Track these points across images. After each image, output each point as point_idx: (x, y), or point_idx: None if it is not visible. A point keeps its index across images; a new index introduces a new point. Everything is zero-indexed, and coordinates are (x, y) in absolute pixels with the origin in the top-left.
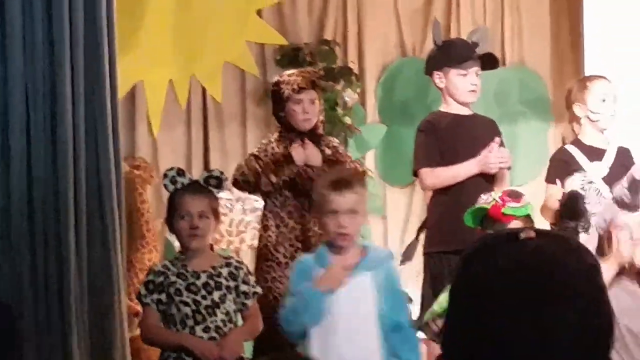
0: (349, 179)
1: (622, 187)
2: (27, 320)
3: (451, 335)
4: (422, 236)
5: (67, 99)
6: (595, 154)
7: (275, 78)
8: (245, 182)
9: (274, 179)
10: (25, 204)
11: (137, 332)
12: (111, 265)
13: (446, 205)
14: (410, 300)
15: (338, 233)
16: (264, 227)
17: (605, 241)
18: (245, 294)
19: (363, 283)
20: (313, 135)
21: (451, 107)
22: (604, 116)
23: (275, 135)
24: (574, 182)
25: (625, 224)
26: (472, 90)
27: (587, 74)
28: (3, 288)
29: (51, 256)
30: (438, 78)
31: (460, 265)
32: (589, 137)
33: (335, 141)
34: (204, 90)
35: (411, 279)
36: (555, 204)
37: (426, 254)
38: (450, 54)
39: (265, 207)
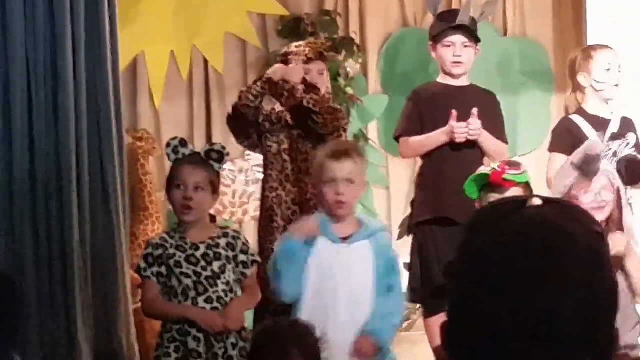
0: (348, 148)
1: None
2: (30, 292)
3: (454, 306)
4: None
5: (69, 71)
6: (599, 123)
7: (283, 49)
8: (246, 106)
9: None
10: (27, 177)
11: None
12: (114, 236)
13: (429, 175)
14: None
15: (336, 201)
16: (263, 190)
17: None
18: (244, 263)
19: (361, 251)
20: (318, 128)
21: (444, 78)
22: (609, 86)
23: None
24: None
25: (582, 194)
26: (455, 62)
27: (589, 44)
28: (6, 260)
29: (54, 229)
30: (431, 49)
31: (464, 235)
32: (592, 106)
33: (343, 120)
34: (205, 61)
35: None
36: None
37: (414, 225)
38: (435, 27)
39: (264, 171)
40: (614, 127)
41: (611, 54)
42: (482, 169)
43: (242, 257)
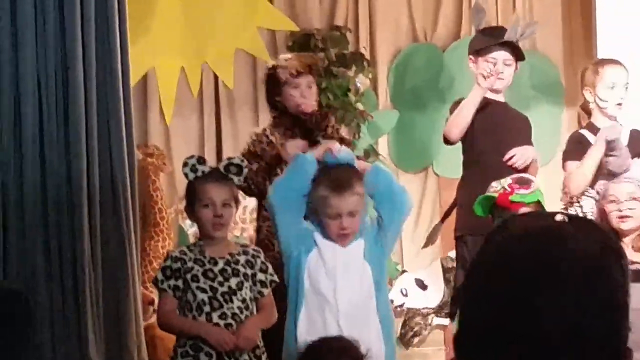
0: (349, 179)
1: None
2: (41, 308)
3: (461, 313)
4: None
5: (80, 87)
6: None
7: (270, 63)
8: (249, 192)
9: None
10: (38, 192)
11: (152, 319)
12: (125, 252)
13: (477, 188)
14: (425, 286)
15: (341, 234)
16: (263, 217)
17: (600, 215)
18: (262, 282)
19: (358, 247)
20: (309, 122)
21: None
22: (611, 104)
23: (269, 121)
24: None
25: (613, 197)
26: (497, 78)
27: (599, 56)
28: (17, 276)
29: (65, 244)
30: (471, 62)
31: (483, 242)
32: (601, 121)
33: (335, 125)
34: (215, 77)
35: (424, 264)
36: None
37: (458, 238)
38: (481, 40)
39: (258, 202)
40: (623, 141)
41: (618, 71)
42: (492, 189)
43: (260, 276)
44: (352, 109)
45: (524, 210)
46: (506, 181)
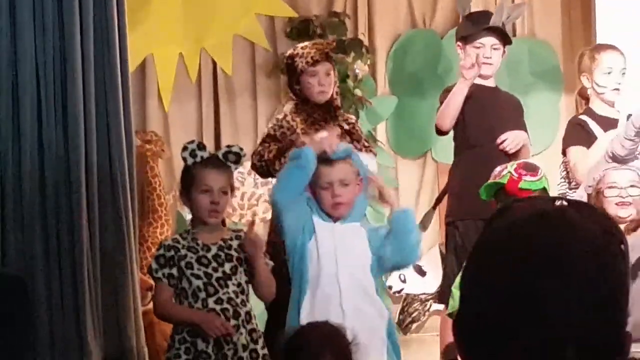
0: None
1: (622, 137)
2: (40, 294)
3: (464, 296)
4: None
5: (78, 73)
6: (608, 123)
7: (289, 51)
8: (262, 172)
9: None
10: (36, 179)
11: (150, 305)
12: (123, 239)
13: (468, 174)
14: (423, 273)
15: (334, 203)
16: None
17: (591, 200)
18: (251, 264)
19: (355, 230)
20: (329, 110)
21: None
22: (609, 89)
23: (291, 106)
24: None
25: (614, 183)
26: (485, 63)
27: (598, 43)
28: (16, 262)
29: (63, 231)
30: (459, 49)
31: (484, 226)
32: (599, 107)
33: (352, 118)
34: (214, 63)
35: (423, 250)
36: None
37: (449, 223)
38: (468, 26)
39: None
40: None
41: (615, 56)
42: (497, 173)
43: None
44: (351, 95)
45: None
46: (512, 166)
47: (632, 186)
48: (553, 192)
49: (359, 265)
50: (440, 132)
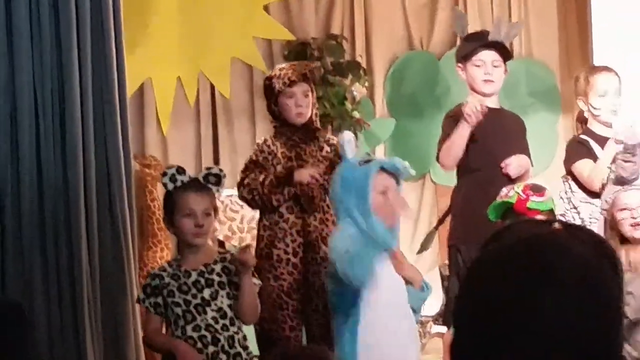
0: None
1: (619, 159)
2: (40, 320)
3: (458, 317)
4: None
5: (76, 98)
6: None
7: (268, 73)
8: (254, 205)
9: (277, 201)
10: (35, 204)
11: None
12: (123, 264)
13: (471, 197)
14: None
15: (395, 210)
16: (263, 226)
17: (607, 224)
18: (237, 285)
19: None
20: (308, 131)
21: (476, 98)
22: (605, 111)
23: (273, 132)
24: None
25: (625, 205)
26: (487, 80)
27: (595, 63)
28: (15, 289)
29: (62, 257)
30: (460, 70)
31: (479, 249)
32: (597, 128)
33: (334, 138)
34: (212, 87)
35: (422, 272)
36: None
37: (452, 247)
38: (464, 47)
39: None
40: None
41: (609, 77)
42: (504, 194)
43: (236, 279)
44: (349, 117)
45: (539, 218)
46: (519, 187)
47: None
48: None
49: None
50: (443, 167)
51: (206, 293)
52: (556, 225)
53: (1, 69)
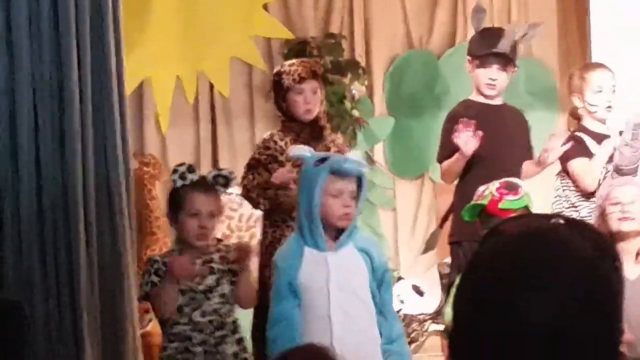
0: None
1: (622, 143)
2: (38, 318)
3: (456, 313)
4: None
5: (75, 96)
6: (602, 139)
7: (276, 68)
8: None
9: (263, 205)
10: (34, 203)
11: (148, 327)
12: (121, 262)
13: (473, 193)
14: (421, 293)
15: (344, 214)
16: (270, 224)
17: (600, 217)
18: (234, 272)
19: (351, 251)
20: (315, 128)
21: (478, 96)
22: (600, 108)
23: (279, 126)
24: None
25: (616, 199)
26: (489, 84)
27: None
28: (14, 287)
29: (61, 255)
30: (469, 63)
31: (478, 244)
32: (591, 124)
33: (339, 139)
34: (211, 86)
35: (421, 271)
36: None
37: (454, 243)
38: (480, 44)
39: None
40: (614, 141)
41: (604, 74)
42: (479, 194)
43: (234, 267)
44: (348, 116)
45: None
46: (494, 186)
47: (633, 202)
48: (546, 211)
49: (354, 300)
50: (445, 182)
51: (210, 280)
52: (557, 219)
53: (0, 68)
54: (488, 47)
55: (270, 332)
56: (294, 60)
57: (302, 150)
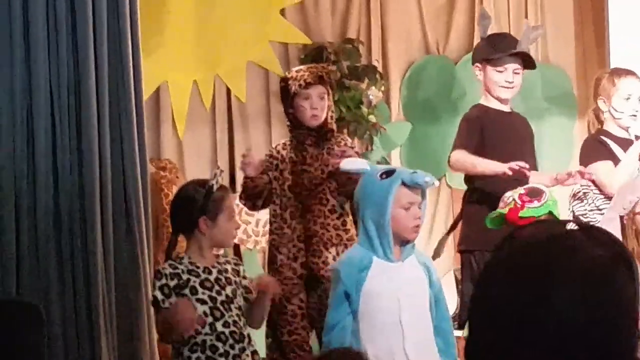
0: None
1: None
2: (55, 323)
3: (472, 320)
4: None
5: (92, 101)
6: (626, 144)
7: (284, 74)
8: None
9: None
10: (51, 207)
11: None
12: (138, 267)
13: (483, 201)
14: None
15: (415, 226)
16: (270, 231)
17: (628, 225)
18: (246, 287)
19: (414, 262)
20: (323, 133)
21: (490, 102)
22: (626, 115)
23: (288, 135)
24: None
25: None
26: (505, 87)
27: (612, 67)
28: (31, 294)
29: (78, 258)
30: (478, 70)
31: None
32: (614, 129)
33: (347, 140)
34: (228, 91)
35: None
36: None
37: (464, 251)
38: (490, 48)
39: (270, 210)
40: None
41: (634, 81)
42: (503, 204)
43: (244, 282)
44: (365, 121)
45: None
46: (516, 192)
47: None
48: (567, 215)
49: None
50: (451, 169)
51: (228, 290)
52: (572, 226)
53: (18, 72)
54: (504, 50)
55: (326, 337)
56: (300, 66)
57: (360, 164)
